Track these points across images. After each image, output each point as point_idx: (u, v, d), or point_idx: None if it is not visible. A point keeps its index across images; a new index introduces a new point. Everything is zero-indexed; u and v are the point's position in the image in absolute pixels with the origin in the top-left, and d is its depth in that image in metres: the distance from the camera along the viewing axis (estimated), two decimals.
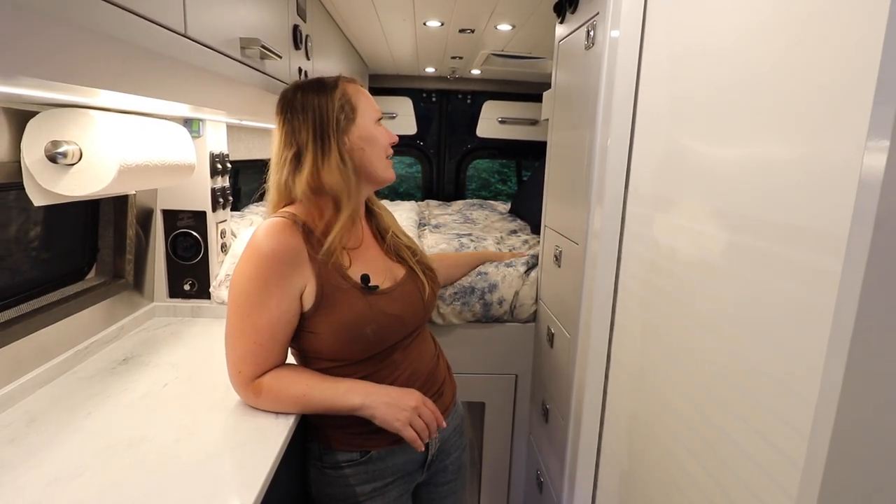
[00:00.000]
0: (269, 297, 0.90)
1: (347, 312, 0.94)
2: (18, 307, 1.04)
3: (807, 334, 0.58)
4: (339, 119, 0.96)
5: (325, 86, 0.98)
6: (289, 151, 0.97)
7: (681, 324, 0.88)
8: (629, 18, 1.07)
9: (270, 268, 0.89)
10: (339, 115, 0.96)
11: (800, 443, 0.57)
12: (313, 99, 0.96)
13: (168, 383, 1.07)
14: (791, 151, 0.62)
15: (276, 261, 0.89)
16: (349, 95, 0.99)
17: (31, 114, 0.92)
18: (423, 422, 0.95)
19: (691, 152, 0.86)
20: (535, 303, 1.67)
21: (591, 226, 1.21)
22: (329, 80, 1.00)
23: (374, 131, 1.00)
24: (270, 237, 0.90)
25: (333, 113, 0.96)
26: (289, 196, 0.98)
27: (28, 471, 0.77)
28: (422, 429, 0.95)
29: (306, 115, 0.96)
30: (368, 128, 1.00)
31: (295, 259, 0.91)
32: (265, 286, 0.89)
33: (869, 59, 0.49)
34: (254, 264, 0.90)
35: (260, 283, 0.89)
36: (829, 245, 0.55)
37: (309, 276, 0.92)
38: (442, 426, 0.99)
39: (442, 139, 3.53)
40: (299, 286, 0.92)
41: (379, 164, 1.01)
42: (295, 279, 0.91)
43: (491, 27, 2.06)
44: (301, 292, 0.93)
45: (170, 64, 0.70)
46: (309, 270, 0.92)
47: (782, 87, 0.64)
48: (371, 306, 0.95)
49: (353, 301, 0.94)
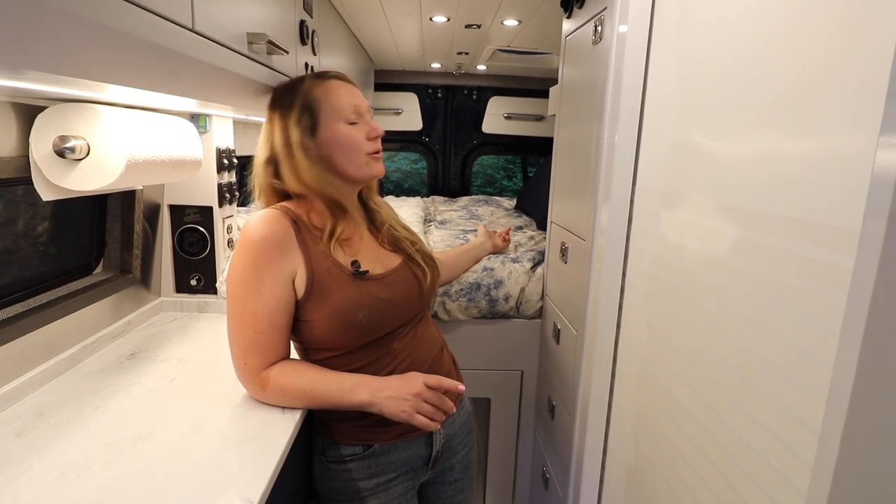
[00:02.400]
0: (262, 284, 0.91)
1: (339, 298, 0.94)
2: (26, 302, 1.05)
3: (817, 330, 0.57)
4: (301, 125, 0.98)
5: (289, 91, 1.01)
6: (264, 155, 1.00)
7: (688, 320, 0.87)
8: (637, 13, 1.06)
9: (261, 254, 0.91)
10: (300, 121, 0.98)
11: (810, 440, 0.57)
12: (277, 109, 1.00)
13: (175, 378, 1.07)
14: (801, 146, 0.61)
15: (265, 246, 0.91)
16: (312, 98, 0.99)
17: (40, 109, 0.93)
18: (429, 406, 0.95)
19: (700, 147, 0.85)
20: (541, 299, 1.66)
21: (597, 222, 1.20)
22: (296, 81, 1.02)
23: (341, 133, 0.99)
24: (259, 225, 0.92)
25: (296, 119, 0.98)
26: (275, 196, 1.02)
27: (36, 465, 0.78)
28: (430, 412, 0.95)
29: (273, 125, 1.00)
30: (334, 129, 0.99)
31: (284, 244, 0.92)
32: (258, 273, 0.91)
33: (881, 54, 0.48)
34: (245, 253, 0.92)
35: (253, 270, 0.91)
36: (839, 240, 0.54)
37: (299, 262, 0.94)
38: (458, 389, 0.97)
39: (447, 135, 3.52)
40: (290, 271, 0.93)
41: (351, 164, 1.01)
42: (285, 264, 0.92)
43: (497, 22, 2.05)
44: (293, 277, 0.94)
45: (177, 59, 0.70)
46: (299, 256, 0.94)
47: (792, 81, 0.63)
48: (362, 291, 0.96)
49: (344, 287, 0.95)
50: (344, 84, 1.03)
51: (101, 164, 0.94)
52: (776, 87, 0.66)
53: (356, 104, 1.01)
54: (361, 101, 1.03)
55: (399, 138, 3.51)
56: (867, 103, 0.51)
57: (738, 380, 0.72)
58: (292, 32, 1.27)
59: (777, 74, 0.66)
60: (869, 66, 0.51)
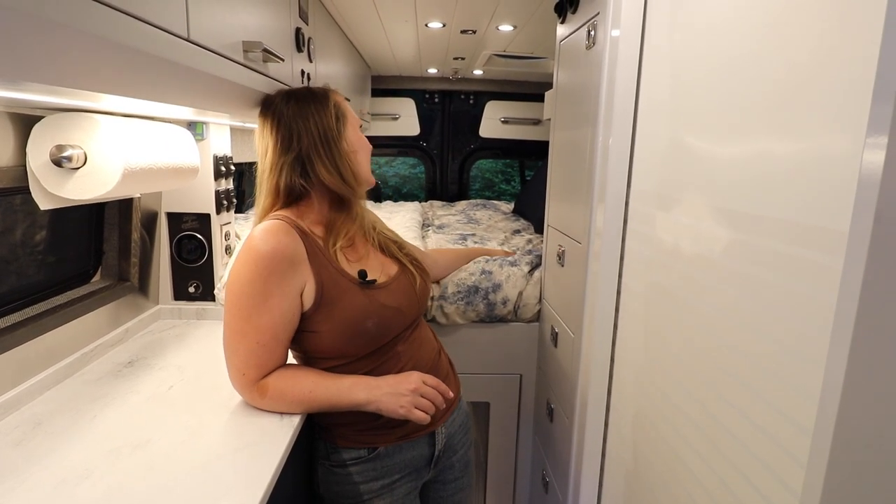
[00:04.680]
0: (269, 297, 0.91)
1: (349, 308, 0.95)
2: (24, 311, 1.05)
3: (810, 331, 0.57)
4: (338, 126, 1.02)
5: (318, 95, 1.04)
6: (288, 156, 1.00)
7: (684, 322, 0.88)
8: (629, 18, 1.07)
9: (270, 267, 0.90)
10: (336, 123, 1.02)
11: (804, 440, 0.57)
12: (310, 106, 1.01)
13: (173, 385, 1.07)
14: (789, 147, 0.62)
15: (275, 260, 0.91)
16: (340, 105, 1.05)
17: (37, 118, 0.93)
18: (426, 400, 0.97)
19: (692, 150, 0.86)
20: (538, 302, 1.67)
21: (593, 225, 1.21)
22: (319, 90, 1.06)
23: (360, 138, 1.07)
24: (269, 237, 0.92)
25: (332, 120, 1.01)
26: (283, 199, 1.02)
27: (35, 473, 0.78)
28: (427, 406, 0.97)
29: (307, 122, 1.00)
30: (355, 133, 1.06)
31: (294, 258, 0.92)
32: (265, 286, 0.90)
33: (868, 56, 0.49)
34: (253, 265, 0.91)
35: (260, 283, 0.90)
36: (829, 241, 0.54)
37: (308, 275, 0.94)
38: (448, 396, 1.01)
39: (445, 140, 3.53)
40: (299, 285, 0.93)
41: (366, 166, 1.08)
42: (295, 278, 0.92)
43: (492, 28, 2.06)
44: (301, 291, 0.94)
45: (173, 68, 0.71)
46: (308, 269, 0.94)
47: (782, 83, 0.64)
48: (371, 300, 0.98)
49: (353, 297, 0.96)
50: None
51: (99, 172, 0.95)
52: (765, 88, 0.67)
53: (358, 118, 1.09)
54: None
55: (397, 143, 3.52)
56: (855, 106, 0.51)
57: (732, 380, 0.73)
58: (288, 40, 1.28)
59: (765, 76, 0.67)
60: (856, 69, 0.52)
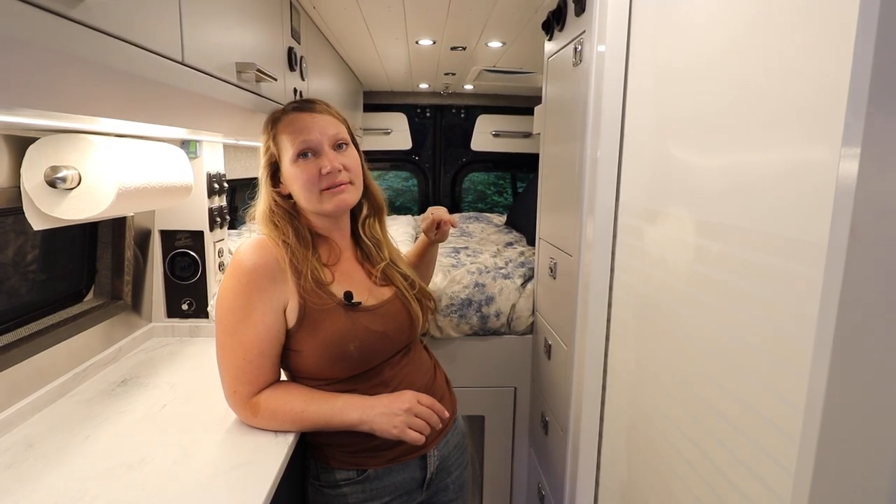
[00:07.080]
0: (252, 312, 0.91)
1: (330, 329, 0.94)
2: (16, 331, 1.04)
3: (792, 340, 0.59)
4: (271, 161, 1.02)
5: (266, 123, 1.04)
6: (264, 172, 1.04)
7: (672, 333, 0.89)
8: (614, 35, 1.10)
9: (252, 282, 0.91)
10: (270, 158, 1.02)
11: (791, 449, 0.58)
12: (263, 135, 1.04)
13: (167, 404, 1.07)
14: (772, 161, 0.64)
15: (257, 274, 0.91)
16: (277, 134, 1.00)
17: (31, 140, 0.94)
18: (421, 420, 0.95)
19: (677, 163, 0.88)
20: (531, 315, 1.68)
21: (583, 237, 1.22)
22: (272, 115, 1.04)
23: (291, 171, 0.98)
24: (252, 252, 0.93)
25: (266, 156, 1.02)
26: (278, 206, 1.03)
27: (27, 496, 0.77)
28: (421, 427, 0.95)
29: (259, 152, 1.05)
30: (287, 168, 0.99)
31: (277, 273, 0.92)
32: (248, 301, 0.91)
33: (842, 72, 0.51)
34: (236, 279, 0.91)
35: (244, 298, 0.91)
36: (809, 253, 0.56)
37: (291, 291, 0.93)
38: (444, 416, 0.98)
39: (437, 153, 3.56)
40: (282, 300, 0.93)
41: (307, 201, 0.99)
42: (277, 293, 0.92)
43: (482, 44, 2.10)
44: (284, 307, 0.93)
45: (167, 91, 0.72)
46: (291, 286, 0.93)
47: (762, 98, 0.66)
48: (354, 323, 0.96)
49: (336, 317, 0.95)
50: (299, 116, 0.99)
51: (93, 193, 0.95)
52: (747, 103, 0.69)
53: (305, 139, 0.97)
54: (319, 133, 0.97)
55: (389, 157, 3.55)
56: (832, 120, 0.53)
57: (721, 391, 0.74)
58: (281, 59, 1.30)
59: (748, 92, 0.69)
60: (832, 84, 0.54)
